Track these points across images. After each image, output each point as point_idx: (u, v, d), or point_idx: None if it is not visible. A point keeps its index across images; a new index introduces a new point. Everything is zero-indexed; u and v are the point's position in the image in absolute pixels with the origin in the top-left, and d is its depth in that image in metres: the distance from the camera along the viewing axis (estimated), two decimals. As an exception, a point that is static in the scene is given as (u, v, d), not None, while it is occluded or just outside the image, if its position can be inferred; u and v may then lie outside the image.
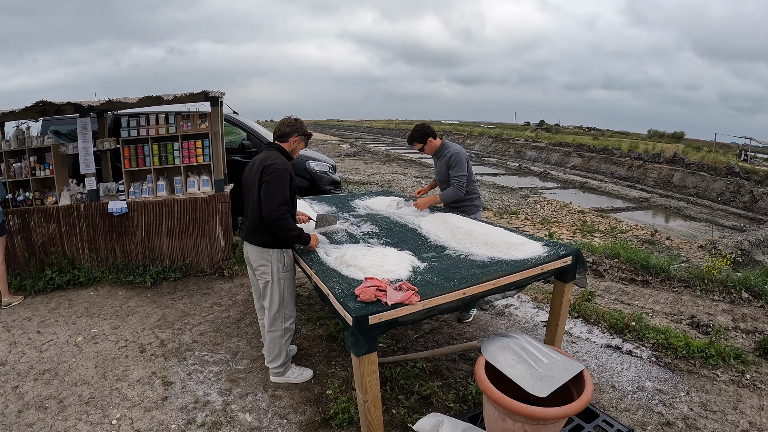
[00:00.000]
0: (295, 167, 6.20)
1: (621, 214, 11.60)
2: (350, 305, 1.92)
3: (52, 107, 4.10)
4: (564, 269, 2.71)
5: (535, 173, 18.62)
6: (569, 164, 20.84)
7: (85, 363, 3.24)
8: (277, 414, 2.68)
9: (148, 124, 4.62)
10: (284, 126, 2.81)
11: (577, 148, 22.12)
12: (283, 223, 2.60)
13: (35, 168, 4.35)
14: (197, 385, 2.96)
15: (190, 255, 4.85)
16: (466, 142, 30.05)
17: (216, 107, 4.64)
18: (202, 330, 3.73)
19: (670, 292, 4.63)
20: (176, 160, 4.73)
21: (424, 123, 3.92)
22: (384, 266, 2.39)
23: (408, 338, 3.61)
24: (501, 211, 10.57)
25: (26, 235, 4.42)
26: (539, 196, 13.15)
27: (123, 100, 4.09)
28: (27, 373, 3.12)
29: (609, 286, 4.98)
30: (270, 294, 2.80)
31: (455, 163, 3.65)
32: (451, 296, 2.07)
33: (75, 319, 3.89)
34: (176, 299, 4.31)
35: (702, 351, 3.22)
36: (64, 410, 2.73)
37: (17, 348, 3.47)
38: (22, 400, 2.83)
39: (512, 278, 2.35)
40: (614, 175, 18.12)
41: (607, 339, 3.59)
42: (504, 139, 27.95)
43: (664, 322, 3.91)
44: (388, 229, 3.38)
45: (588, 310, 4.03)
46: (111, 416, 2.66)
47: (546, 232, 8.70)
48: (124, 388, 2.93)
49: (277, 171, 2.60)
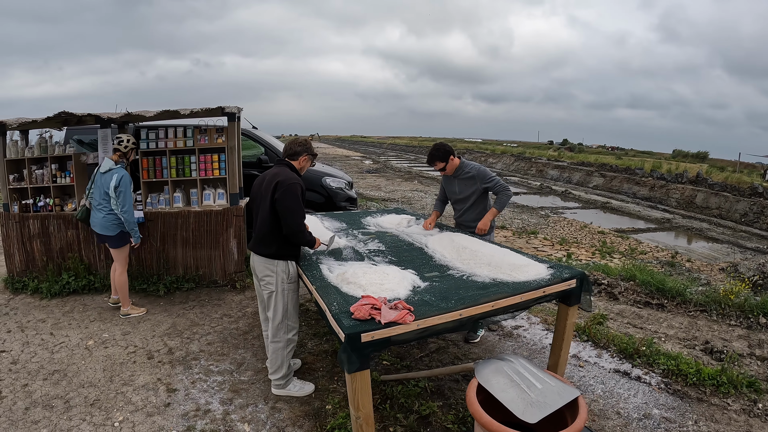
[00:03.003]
0: (311, 183, 6.33)
1: (642, 235, 11.38)
2: (344, 322, 1.94)
3: (73, 118, 4.27)
4: (568, 292, 2.67)
5: (556, 193, 18.51)
6: (591, 184, 20.60)
7: (94, 366, 3.33)
8: (275, 426, 2.69)
9: (166, 137, 4.77)
10: (296, 145, 2.96)
11: (599, 168, 21.89)
12: (303, 234, 2.82)
13: (56, 175, 4.52)
14: (200, 394, 3.01)
15: (203, 266, 4.93)
16: (488, 160, 30.14)
17: (233, 122, 4.76)
18: (210, 340, 3.79)
19: (686, 317, 4.51)
20: (193, 172, 4.86)
21: (442, 142, 3.94)
22: (384, 284, 2.40)
23: (413, 356, 3.59)
24: (520, 231, 10.51)
25: (45, 240, 4.58)
26: (560, 216, 13.03)
27: (142, 113, 4.25)
28: (37, 373, 3.23)
29: (623, 309, 4.87)
30: (274, 304, 2.85)
31: (485, 177, 3.69)
32: (447, 317, 2.07)
33: (88, 324, 4.00)
34: (187, 309, 4.39)
35: (713, 378, 3.12)
36: (70, 410, 2.81)
37: (30, 348, 3.59)
38: (30, 398, 2.93)
39: (512, 300, 2.33)
40: (636, 196, 17.86)
41: (615, 364, 3.51)
42: (526, 158, 27.94)
43: (676, 348, 3.81)
44: (395, 248, 3.40)
45: (598, 334, 3.95)
46: (114, 419, 2.73)
47: (564, 253, 8.60)
48: (129, 393, 3.00)
49: (291, 187, 2.72)
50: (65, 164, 4.56)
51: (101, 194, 3.94)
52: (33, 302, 4.43)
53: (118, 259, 4.12)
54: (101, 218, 3.97)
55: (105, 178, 3.91)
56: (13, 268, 4.67)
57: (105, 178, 3.91)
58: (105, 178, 3.91)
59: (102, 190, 3.92)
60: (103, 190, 3.91)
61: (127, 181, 3.92)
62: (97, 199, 3.98)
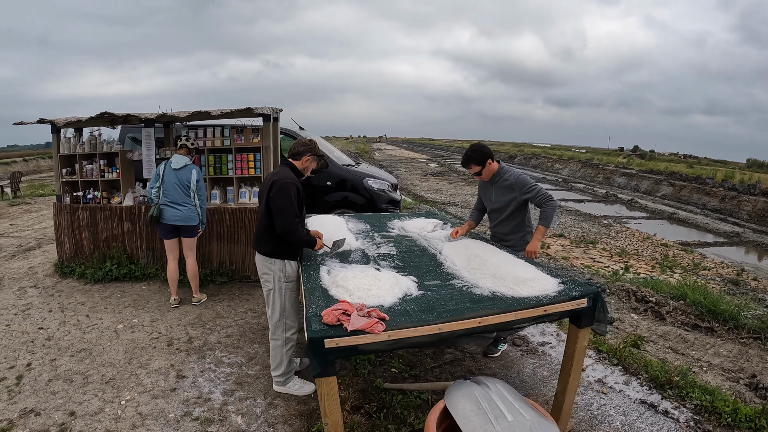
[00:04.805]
0: (353, 184, 6.34)
1: (708, 249, 10.48)
2: (312, 326, 1.91)
3: (116, 117, 4.61)
4: (578, 312, 2.45)
5: (622, 201, 17.59)
6: (659, 193, 19.31)
7: (117, 348, 3.59)
8: (267, 422, 2.74)
9: (205, 136, 5.01)
10: (299, 146, 2.97)
11: (668, 177, 20.55)
12: (296, 233, 2.78)
13: (104, 170, 4.92)
14: (206, 383, 3.13)
15: (236, 261, 5.12)
16: (554, 166, 29.30)
17: (268, 123, 4.89)
18: (229, 332, 3.92)
19: (736, 344, 4.04)
20: (229, 171, 5.07)
21: (480, 143, 3.68)
22: (372, 290, 2.34)
23: (424, 366, 3.50)
24: (578, 240, 10.06)
25: (93, 230, 4.99)
26: (623, 226, 12.33)
27: (176, 113, 4.50)
28: (66, 350, 3.55)
29: (668, 331, 4.45)
30: (272, 302, 2.91)
31: (526, 186, 3.29)
32: (423, 330, 1.97)
33: (122, 309, 4.31)
34: (216, 301, 4.58)
35: (751, 420, 2.74)
36: (86, 385, 3.07)
37: (65, 327, 3.93)
38: (55, 371, 3.24)
39: (503, 318, 2.16)
40: (706, 207, 16.64)
41: (643, 393, 3.18)
42: (594, 165, 26.96)
43: (717, 380, 3.41)
44: (406, 253, 3.31)
45: (630, 358, 3.62)
46: (122, 397, 2.94)
47: (622, 265, 8.08)
48: (142, 375, 3.20)
49: (284, 186, 2.73)
50: (113, 160, 4.94)
51: (179, 189, 4.15)
52: (77, 286, 4.86)
53: (192, 248, 4.39)
54: (185, 210, 4.20)
55: (182, 173, 4.15)
56: (63, 254, 5.14)
57: (182, 173, 4.15)
58: (182, 174, 4.15)
59: (181, 185, 4.15)
60: (183, 184, 4.15)
61: (202, 175, 4.29)
62: (173, 195, 4.15)
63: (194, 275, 4.43)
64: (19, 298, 4.63)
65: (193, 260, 4.39)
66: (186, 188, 4.16)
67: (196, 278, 4.44)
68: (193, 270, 4.41)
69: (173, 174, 4.14)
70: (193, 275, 4.42)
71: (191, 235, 4.33)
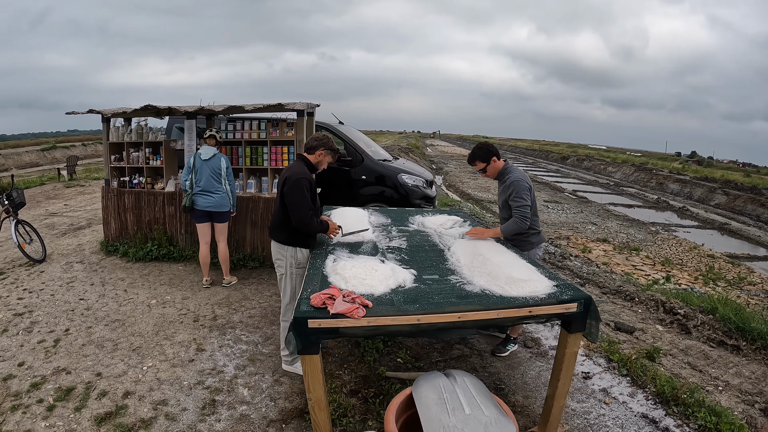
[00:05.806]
0: (387, 179, 6.39)
1: (757, 263, 9.90)
2: (301, 306, 2.09)
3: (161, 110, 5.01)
4: (567, 317, 2.47)
5: (673, 208, 16.86)
6: (713, 202, 18.26)
7: (148, 321, 3.95)
8: (270, 396, 2.96)
9: (242, 129, 5.33)
10: (313, 140, 3.15)
11: (723, 185, 19.43)
12: (311, 225, 2.99)
13: (149, 158, 5.35)
14: (222, 357, 3.41)
15: (268, 248, 5.33)
16: (607, 169, 28.36)
17: (302, 117, 5.12)
18: (252, 314, 4.20)
19: (762, 365, 3.84)
20: (264, 162, 5.36)
21: (486, 141, 3.72)
22: (365, 280, 2.48)
23: (430, 359, 3.60)
24: (622, 246, 9.78)
25: (137, 213, 5.46)
26: (670, 234, 11.85)
27: (211, 107, 4.83)
28: (102, 319, 3.95)
29: (691, 345, 4.29)
30: (284, 286, 3.14)
31: (514, 192, 3.31)
32: (402, 319, 2.09)
33: (157, 286, 4.72)
34: (245, 284, 4.89)
35: (753, 446, 2.65)
36: (115, 351, 3.43)
37: (104, 299, 4.36)
38: (89, 337, 3.63)
39: (485, 315, 2.23)
40: (760, 219, 15.63)
41: (647, 408, 3.10)
42: (647, 169, 25.86)
43: (731, 401, 3.28)
44: (415, 247, 3.40)
45: (640, 369, 3.54)
46: (145, 364, 3.27)
47: (664, 275, 7.79)
48: (166, 346, 3.53)
49: (296, 182, 2.94)
50: (158, 149, 5.37)
51: (211, 177, 4.51)
52: (119, 263, 5.34)
53: (223, 232, 4.74)
54: (218, 197, 4.57)
55: (213, 162, 4.52)
56: (108, 233, 5.66)
57: (213, 162, 4.52)
58: (213, 163, 4.52)
59: (214, 174, 4.51)
60: (215, 173, 4.52)
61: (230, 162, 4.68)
62: (205, 184, 4.51)
63: (225, 259, 4.74)
64: (66, 271, 5.15)
65: (224, 244, 4.71)
66: (218, 176, 4.50)
67: (227, 262, 4.75)
68: (224, 254, 4.73)
69: (204, 164, 4.48)
70: (224, 258, 4.74)
71: (223, 221, 4.66)
